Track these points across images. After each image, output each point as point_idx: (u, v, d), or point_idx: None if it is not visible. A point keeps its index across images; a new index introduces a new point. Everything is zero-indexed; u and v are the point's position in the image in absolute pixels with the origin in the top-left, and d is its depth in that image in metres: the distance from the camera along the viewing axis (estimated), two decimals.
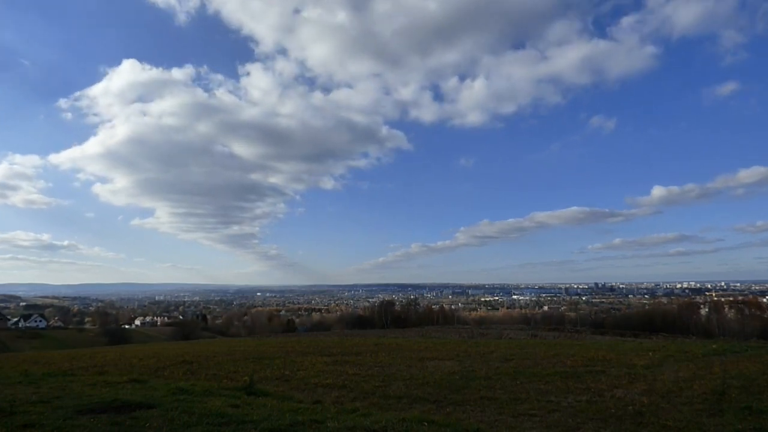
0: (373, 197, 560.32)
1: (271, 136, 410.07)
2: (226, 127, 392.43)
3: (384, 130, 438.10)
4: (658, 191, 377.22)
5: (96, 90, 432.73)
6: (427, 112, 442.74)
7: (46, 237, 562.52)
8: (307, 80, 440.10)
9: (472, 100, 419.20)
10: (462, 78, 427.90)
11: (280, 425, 6.29)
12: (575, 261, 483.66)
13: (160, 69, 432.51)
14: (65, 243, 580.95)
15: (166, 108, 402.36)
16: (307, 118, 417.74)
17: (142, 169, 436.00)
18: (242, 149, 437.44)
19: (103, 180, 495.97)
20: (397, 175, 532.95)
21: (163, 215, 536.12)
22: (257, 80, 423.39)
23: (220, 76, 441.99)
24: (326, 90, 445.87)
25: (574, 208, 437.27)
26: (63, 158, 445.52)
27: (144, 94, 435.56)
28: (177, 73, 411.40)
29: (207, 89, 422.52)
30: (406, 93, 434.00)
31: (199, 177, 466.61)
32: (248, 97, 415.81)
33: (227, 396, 8.70)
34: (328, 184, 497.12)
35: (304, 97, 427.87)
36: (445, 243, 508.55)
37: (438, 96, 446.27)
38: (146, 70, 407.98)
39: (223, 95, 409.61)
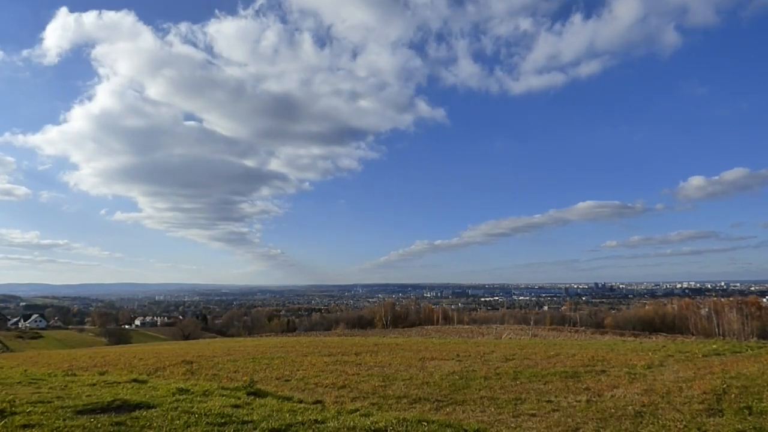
0: (385, 188, 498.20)
1: (262, 106, 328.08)
2: (197, 94, 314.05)
3: (407, 101, 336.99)
4: (696, 181, 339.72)
5: (35, 51, 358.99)
6: (467, 76, 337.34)
7: (32, 235, 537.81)
8: (299, 33, 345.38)
9: (537, 59, 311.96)
10: (531, 25, 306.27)
11: (280, 425, 6.30)
12: (579, 261, 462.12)
13: (110, 15, 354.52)
14: (60, 242, 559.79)
15: (124, 69, 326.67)
16: (305, 83, 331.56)
17: (111, 151, 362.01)
18: (224, 124, 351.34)
19: (70, 167, 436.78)
20: (415, 160, 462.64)
21: (147, 209, 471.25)
22: (231, 30, 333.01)
23: (184, 26, 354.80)
24: (321, 44, 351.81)
25: (590, 202, 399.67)
26: (19, 140, 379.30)
27: (93, 50, 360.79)
28: (133, 24, 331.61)
29: (170, 43, 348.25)
30: (437, 51, 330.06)
31: (178, 161, 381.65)
32: (224, 55, 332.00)
33: (227, 396, 8.70)
34: (333, 172, 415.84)
35: (296, 53, 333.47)
36: (450, 241, 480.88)
37: (485, 54, 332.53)
38: (92, 17, 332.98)
39: (190, 51, 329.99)
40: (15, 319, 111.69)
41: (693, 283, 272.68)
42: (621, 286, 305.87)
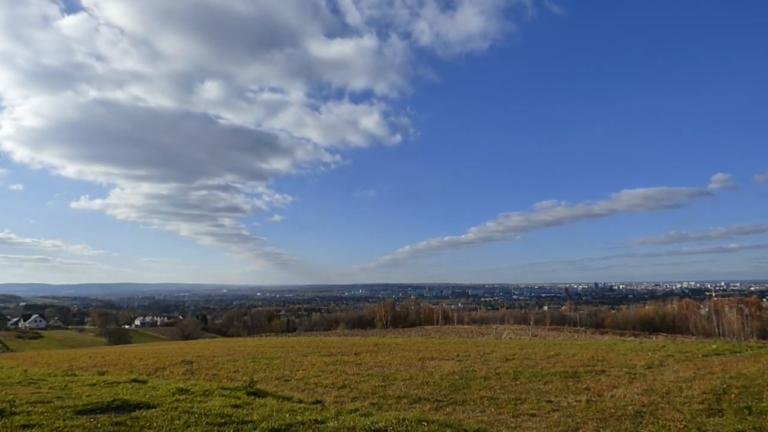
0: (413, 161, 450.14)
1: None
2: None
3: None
4: None
5: None
6: None
7: (5, 233, 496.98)
8: None
9: None
10: None
11: (280, 425, 6.30)
12: (593, 259, 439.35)
13: None
14: (45, 242, 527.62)
15: None
16: None
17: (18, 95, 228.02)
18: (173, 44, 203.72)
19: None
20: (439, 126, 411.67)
21: (112, 195, 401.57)
22: None
23: None
24: None
25: (656, 188, 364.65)
26: None
27: None
28: None
29: None
30: None
31: (103, 114, 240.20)
32: None
33: (227, 396, 8.70)
34: (385, 133, 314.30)
35: None
36: (459, 238, 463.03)
37: None
38: None
39: None
40: (15, 319, 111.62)
41: (693, 283, 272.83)
42: (621, 286, 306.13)
